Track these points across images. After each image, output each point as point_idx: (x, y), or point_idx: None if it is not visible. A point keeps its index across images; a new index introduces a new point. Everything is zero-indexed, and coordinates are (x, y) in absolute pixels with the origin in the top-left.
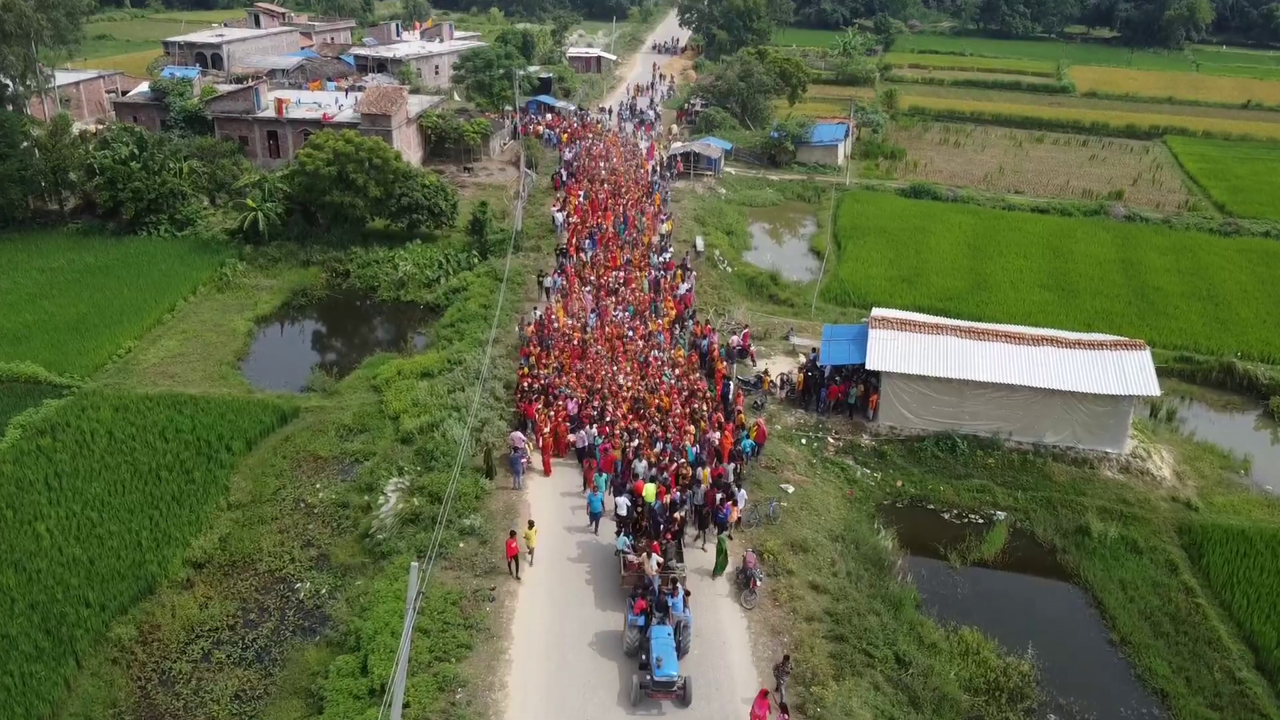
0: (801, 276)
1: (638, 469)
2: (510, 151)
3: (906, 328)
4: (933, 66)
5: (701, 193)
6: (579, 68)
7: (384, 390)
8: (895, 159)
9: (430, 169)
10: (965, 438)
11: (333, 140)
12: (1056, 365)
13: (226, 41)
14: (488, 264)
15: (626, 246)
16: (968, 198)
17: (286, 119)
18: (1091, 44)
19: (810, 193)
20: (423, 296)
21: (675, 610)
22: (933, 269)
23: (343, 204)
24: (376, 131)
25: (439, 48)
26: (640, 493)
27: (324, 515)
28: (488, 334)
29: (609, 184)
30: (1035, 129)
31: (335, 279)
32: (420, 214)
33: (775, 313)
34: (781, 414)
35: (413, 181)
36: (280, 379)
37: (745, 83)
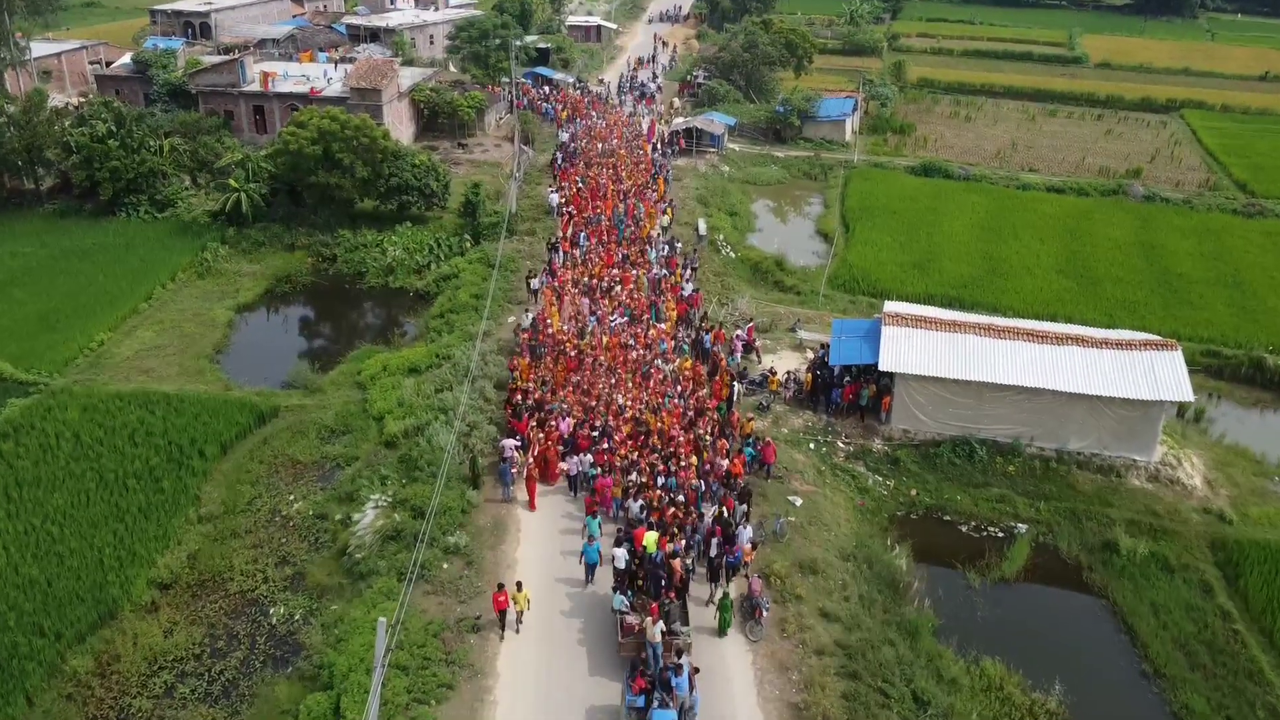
0: (808, 261)
1: (632, 510)
2: (506, 126)
3: (921, 324)
4: (942, 36)
5: (704, 170)
6: (578, 37)
7: (369, 388)
8: (904, 134)
9: (423, 145)
10: (984, 443)
11: (317, 118)
12: (1083, 367)
13: (215, 10)
14: (480, 249)
15: (624, 241)
16: (980, 176)
17: (273, 93)
18: (1103, 12)
19: (817, 170)
20: (412, 283)
21: (680, 691)
22: (945, 253)
23: (329, 185)
24: (366, 106)
25: (434, 16)
26: (640, 542)
27: (301, 528)
28: (478, 326)
29: (608, 168)
30: (1048, 102)
31: (321, 264)
32: (410, 195)
33: (781, 301)
34: (788, 415)
35: (402, 161)
36: (260, 373)
37: (750, 54)
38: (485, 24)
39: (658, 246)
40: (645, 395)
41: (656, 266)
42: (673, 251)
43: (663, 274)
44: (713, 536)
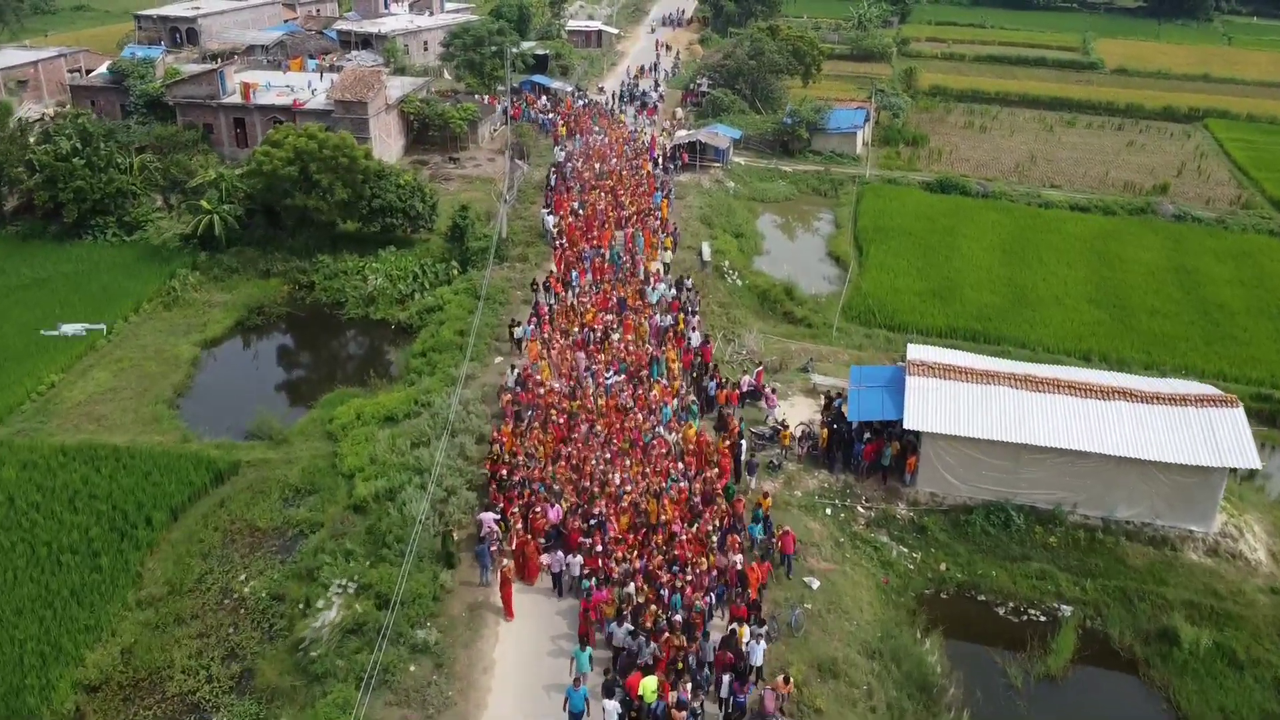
0: (820, 288)
1: (617, 636)
2: (501, 138)
3: (950, 375)
4: (952, 40)
5: (708, 187)
6: (578, 42)
7: (340, 439)
8: (917, 146)
9: (412, 160)
10: (1021, 509)
11: (294, 136)
12: (1133, 426)
13: (202, 15)
14: (467, 277)
15: (620, 283)
16: (999, 193)
17: (254, 105)
18: (1115, 14)
19: (827, 186)
20: (394, 314)
21: None
22: (966, 280)
23: (306, 208)
24: (351, 119)
25: (428, 22)
26: (635, 691)
27: (254, 612)
28: (461, 368)
29: (606, 192)
30: (1066, 110)
31: (298, 292)
32: (394, 218)
33: (791, 335)
34: (802, 475)
35: (385, 181)
36: (223, 420)
37: (756, 62)
38: (480, 30)
39: (659, 286)
40: (646, 473)
41: (658, 312)
42: (679, 293)
43: (666, 322)
44: (723, 670)
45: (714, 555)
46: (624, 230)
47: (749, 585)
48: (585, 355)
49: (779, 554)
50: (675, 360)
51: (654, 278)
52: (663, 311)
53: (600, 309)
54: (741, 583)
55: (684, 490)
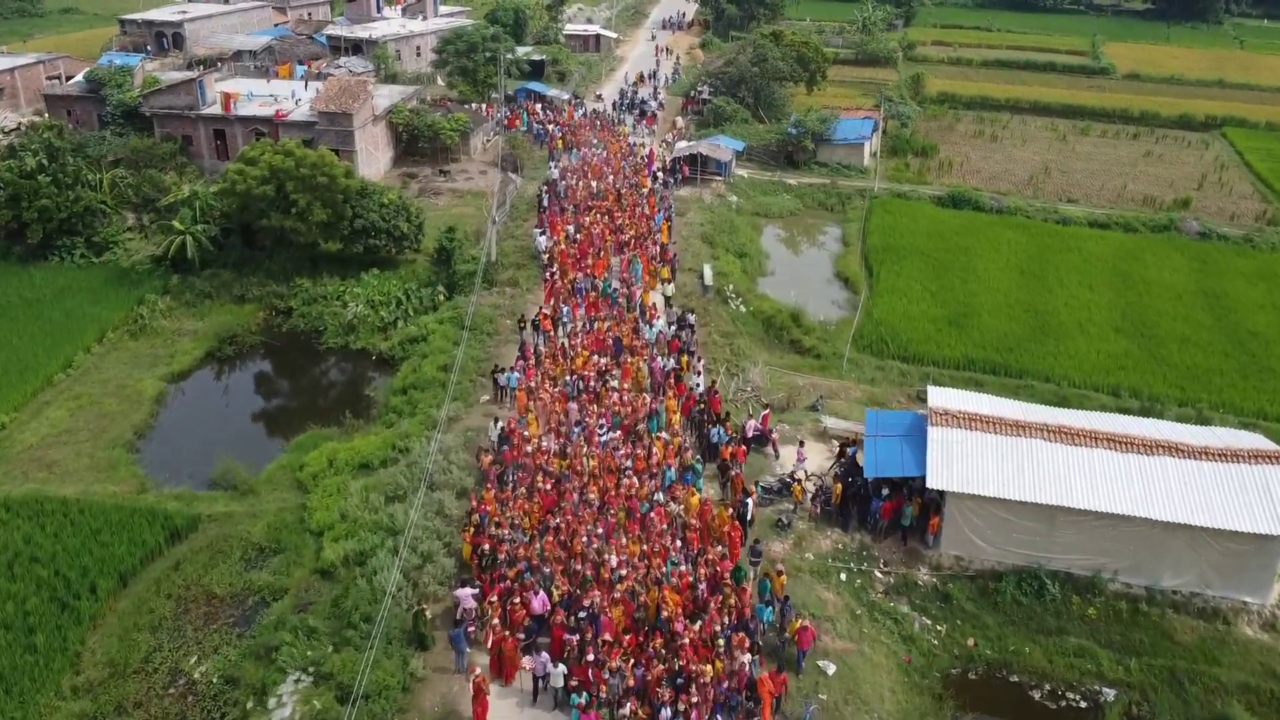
0: (828, 313)
1: None
2: (494, 149)
3: (976, 425)
4: (958, 44)
5: (710, 201)
6: (575, 47)
7: (310, 490)
8: (926, 156)
9: (401, 172)
10: (1056, 576)
11: (269, 153)
12: (1180, 485)
13: (189, 19)
14: (454, 304)
15: (614, 322)
16: (1014, 208)
17: (235, 116)
18: (1124, 17)
19: (834, 200)
20: (375, 344)
21: None
22: (983, 305)
23: (283, 229)
24: (336, 132)
25: (421, 26)
26: None
27: (205, 699)
28: (442, 409)
29: (602, 213)
30: (1078, 118)
31: (274, 318)
32: (378, 238)
33: (799, 367)
34: (814, 535)
35: (368, 200)
36: (186, 465)
37: (759, 69)
38: (473, 36)
39: (657, 322)
40: (644, 551)
41: (658, 353)
42: (680, 329)
43: (668, 364)
44: None
45: (721, 661)
46: (621, 256)
47: (762, 703)
48: (577, 406)
49: (795, 648)
50: (675, 411)
51: (651, 312)
52: (663, 352)
53: (594, 350)
54: (751, 690)
55: (686, 576)
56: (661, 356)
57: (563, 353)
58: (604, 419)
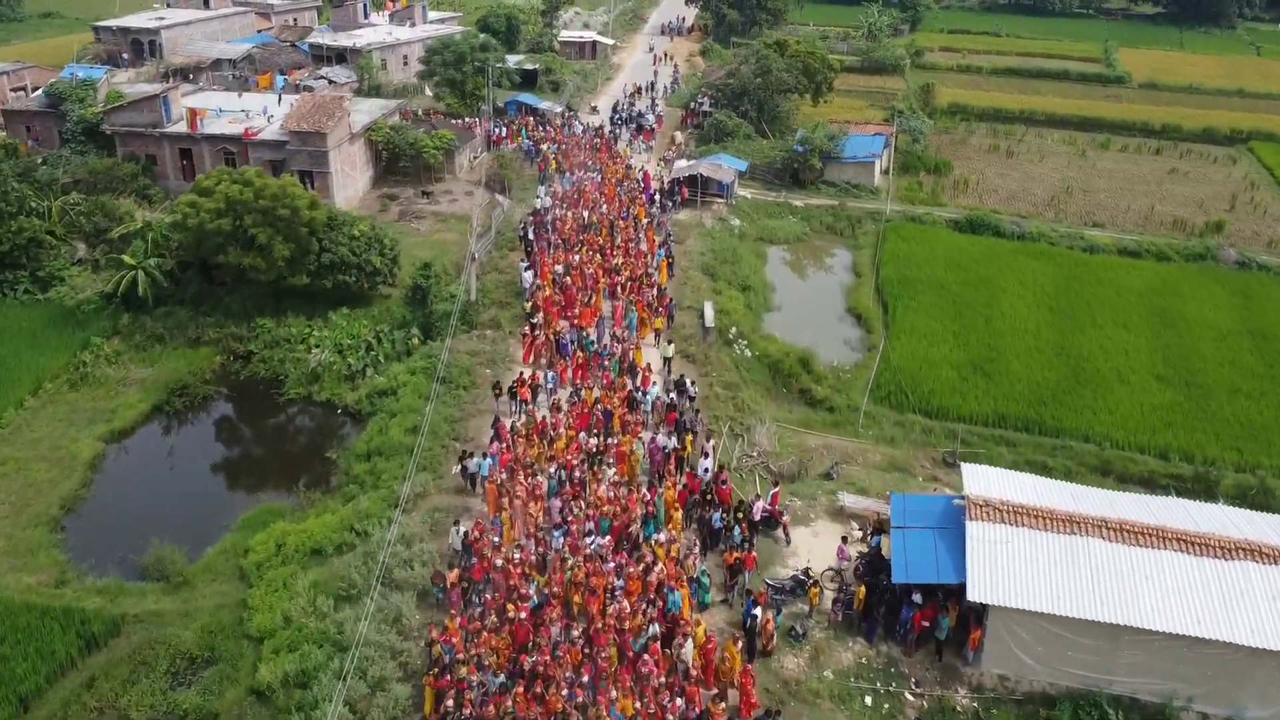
0: (841, 356)
1: None
2: (482, 167)
3: (1022, 519)
4: (967, 50)
5: (710, 226)
6: (571, 54)
7: (253, 581)
8: (940, 174)
9: (381, 193)
10: (1119, 702)
11: (226, 182)
12: (1266, 601)
13: (166, 26)
14: (429, 350)
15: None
16: (1037, 233)
17: (202, 135)
18: (1135, 21)
19: (843, 223)
20: (342, 395)
21: None
22: (1010, 348)
23: (242, 267)
24: (308, 152)
25: (409, 34)
26: None
27: None
28: (405, 485)
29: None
30: (1096, 131)
31: (232, 364)
32: (348, 274)
33: (810, 424)
34: (833, 645)
35: (337, 233)
36: (118, 545)
37: (762, 80)
38: (461, 46)
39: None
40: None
41: (654, 427)
42: (679, 398)
43: (668, 444)
44: None
45: None
46: (614, 302)
47: None
48: (559, 502)
49: None
50: (674, 503)
51: (645, 376)
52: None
53: (580, 428)
54: None
55: None
56: (661, 434)
57: (541, 431)
58: (590, 519)
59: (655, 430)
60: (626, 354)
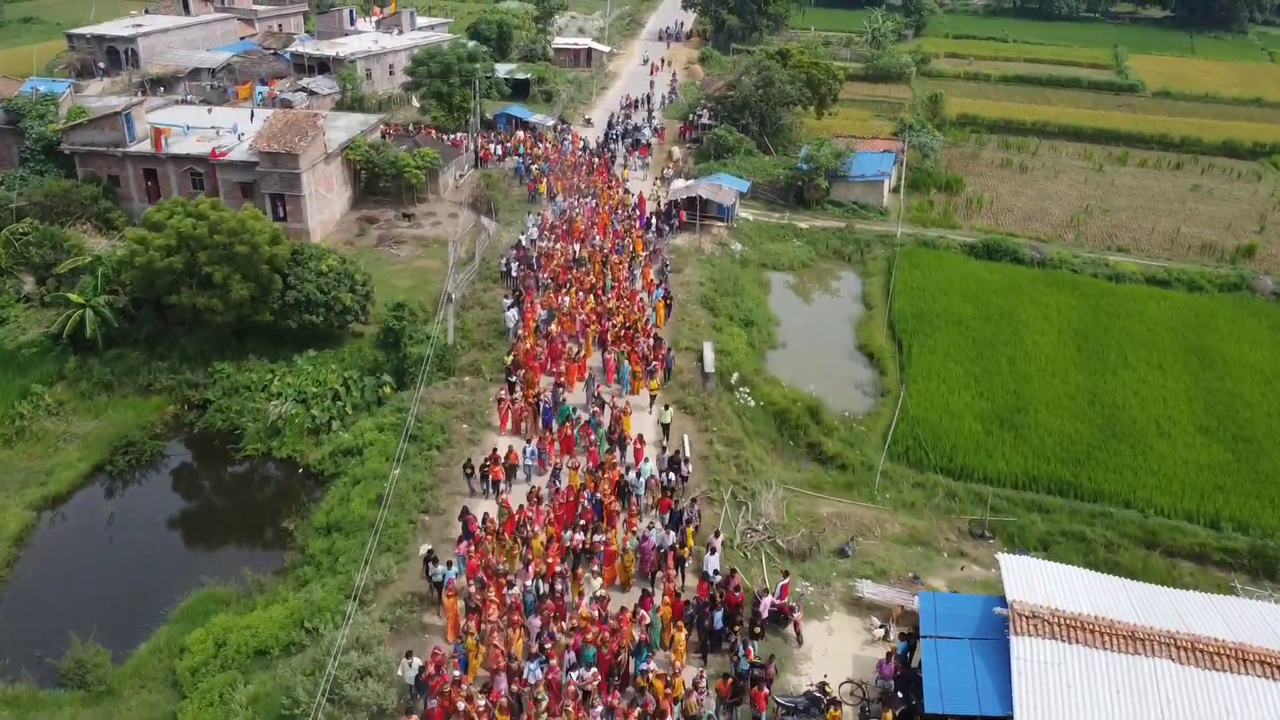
0: (853, 403)
1: None
2: (469, 186)
3: (1076, 634)
4: (974, 56)
5: (710, 251)
6: (565, 62)
7: (187, 690)
8: (952, 192)
9: (360, 215)
10: None
11: (178, 216)
12: None
13: (143, 34)
14: (400, 401)
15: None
16: (1058, 261)
17: (167, 154)
18: (1143, 25)
19: (851, 247)
20: (304, 452)
21: None
22: (1038, 396)
23: (196, 308)
24: (279, 175)
25: (396, 42)
26: None
27: None
28: (361, 574)
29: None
30: (1112, 144)
31: (187, 414)
32: (315, 314)
33: (820, 485)
34: None
35: (303, 269)
36: (39, 639)
37: (763, 93)
38: (448, 57)
39: (645, 465)
40: None
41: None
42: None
43: (665, 541)
44: None
45: None
46: (604, 352)
47: None
48: (538, 621)
49: None
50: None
51: (638, 449)
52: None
53: (563, 522)
54: None
55: None
56: (656, 526)
57: (516, 526)
58: (572, 645)
59: (650, 517)
60: (617, 421)
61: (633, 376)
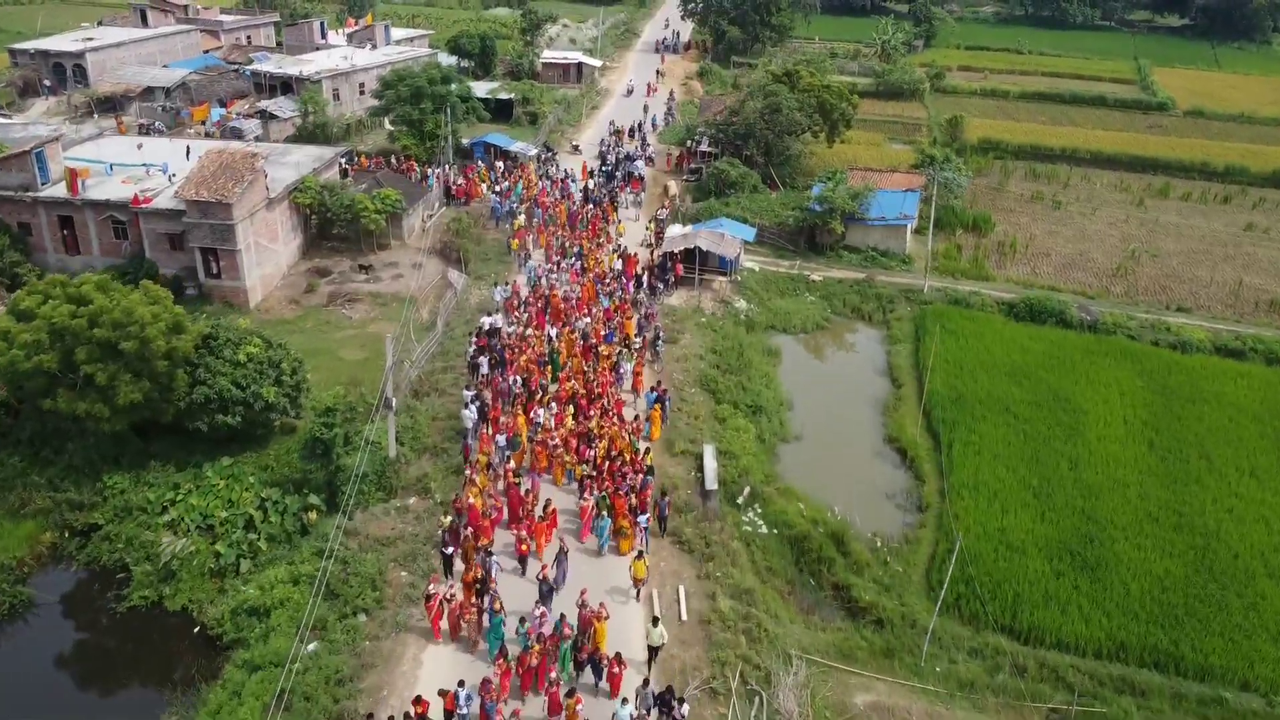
0: (885, 520)
1: None
2: (436, 230)
3: None
4: (989, 70)
5: (710, 312)
6: (554, 78)
7: None
8: (980, 232)
9: (310, 266)
10: None
11: (52, 304)
12: None
13: (92, 49)
14: (321, 540)
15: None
16: (1112, 325)
17: (84, 200)
18: (1161, 34)
19: (872, 304)
20: (202, 604)
21: None
22: (1112, 517)
23: (75, 413)
24: (210, 226)
25: (367, 59)
26: None
27: None
28: None
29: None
30: (1150, 172)
31: (68, 542)
32: (230, 414)
33: (850, 650)
34: None
35: (215, 358)
36: None
37: (769, 121)
38: (419, 79)
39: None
40: None
41: None
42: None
43: None
44: None
45: None
46: (581, 496)
47: None
48: None
49: None
50: None
51: (613, 670)
52: None
53: None
54: None
55: None
56: None
57: None
58: None
59: None
60: (588, 625)
61: (617, 534)
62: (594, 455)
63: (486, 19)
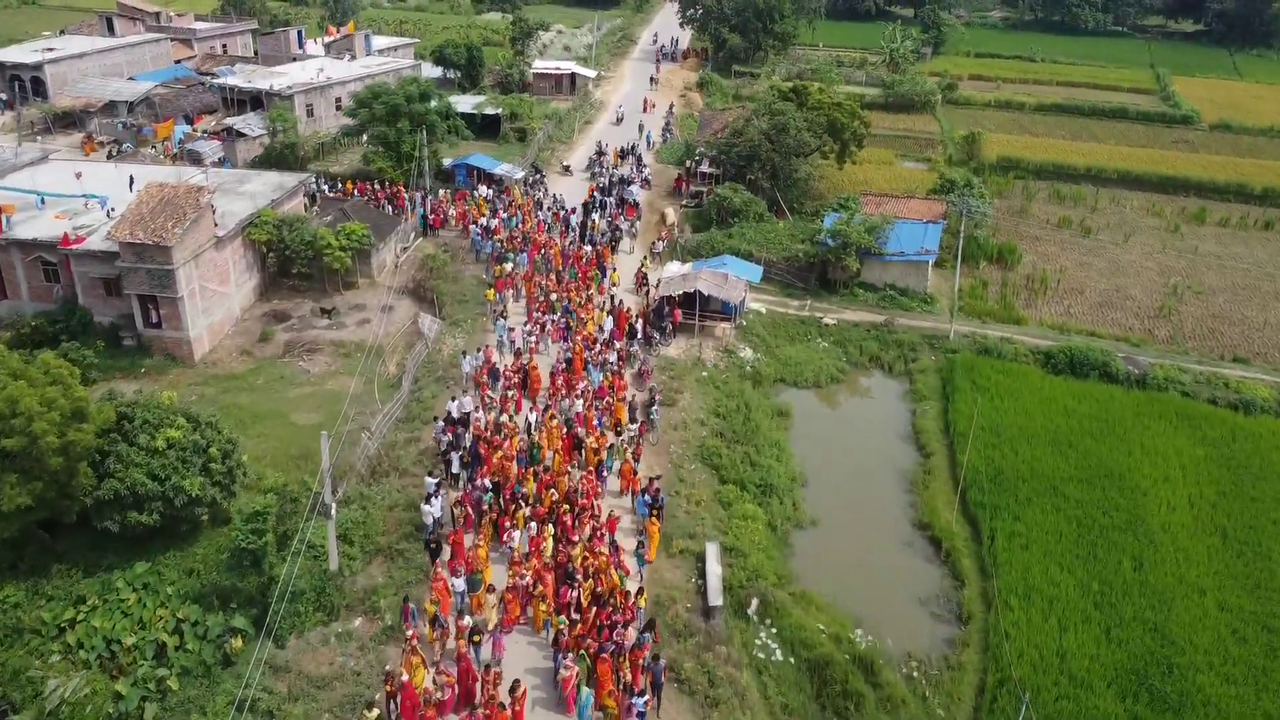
0: (921, 637)
1: None
2: (412, 264)
3: None
4: (1001, 79)
5: (712, 364)
6: (545, 89)
7: None
8: (1006, 264)
9: (267, 310)
10: None
11: None
12: None
13: (52, 60)
14: (254, 658)
15: None
16: (1164, 379)
17: (9, 239)
18: (1175, 40)
19: (892, 352)
20: None
21: None
22: (1189, 636)
23: None
24: (148, 271)
25: (344, 71)
26: None
27: None
28: None
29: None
30: (1181, 194)
31: None
32: (146, 511)
33: None
34: None
35: (130, 446)
36: None
37: (775, 143)
38: (395, 97)
39: None
40: None
41: None
42: None
43: None
44: None
45: None
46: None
47: None
48: None
49: None
50: None
51: None
52: None
53: None
54: None
55: None
56: None
57: None
58: None
59: None
60: None
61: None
62: (576, 597)
63: (478, 25)
